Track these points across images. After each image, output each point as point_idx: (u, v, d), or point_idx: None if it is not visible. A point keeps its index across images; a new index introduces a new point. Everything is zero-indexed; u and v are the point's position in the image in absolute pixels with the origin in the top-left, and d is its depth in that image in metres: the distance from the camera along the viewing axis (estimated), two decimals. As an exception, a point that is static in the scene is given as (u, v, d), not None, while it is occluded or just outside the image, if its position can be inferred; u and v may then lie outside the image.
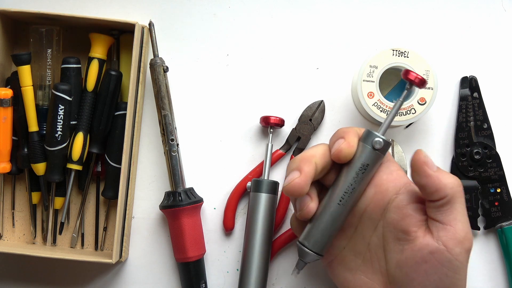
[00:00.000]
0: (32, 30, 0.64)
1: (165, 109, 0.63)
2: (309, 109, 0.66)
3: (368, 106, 0.60)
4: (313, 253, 0.52)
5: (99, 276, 0.66)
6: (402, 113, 0.60)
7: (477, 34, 0.66)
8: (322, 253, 0.52)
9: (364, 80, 0.60)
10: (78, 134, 0.63)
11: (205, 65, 0.67)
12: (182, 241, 0.62)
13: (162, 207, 0.63)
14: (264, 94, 0.67)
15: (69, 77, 0.63)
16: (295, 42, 0.67)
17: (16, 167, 0.65)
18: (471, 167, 0.64)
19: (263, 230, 0.62)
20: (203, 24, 0.67)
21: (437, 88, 0.60)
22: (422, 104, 0.60)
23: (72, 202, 0.66)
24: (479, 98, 0.65)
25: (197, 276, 0.63)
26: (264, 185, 0.62)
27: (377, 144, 0.50)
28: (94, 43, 0.64)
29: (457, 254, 0.48)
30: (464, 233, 0.48)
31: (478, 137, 0.64)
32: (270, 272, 0.65)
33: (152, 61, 0.63)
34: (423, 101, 0.60)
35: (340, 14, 0.67)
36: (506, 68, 0.66)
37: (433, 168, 0.49)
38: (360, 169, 0.50)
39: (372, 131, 0.51)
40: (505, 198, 0.64)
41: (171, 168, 0.63)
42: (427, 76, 0.60)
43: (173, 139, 0.63)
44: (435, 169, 0.49)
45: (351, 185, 0.50)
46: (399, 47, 0.60)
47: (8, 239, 0.66)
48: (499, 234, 0.64)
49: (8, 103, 0.62)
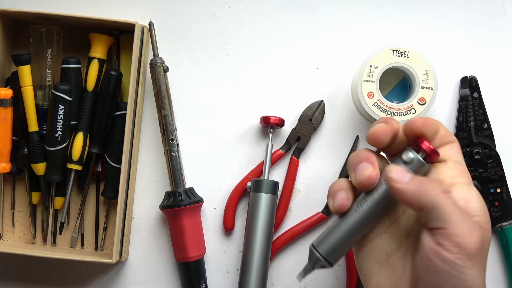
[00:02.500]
0: (32, 30, 0.64)
1: (165, 109, 0.63)
2: (309, 109, 0.66)
3: (368, 106, 0.60)
4: (325, 260, 0.49)
5: (99, 276, 0.66)
6: (402, 113, 0.60)
7: (477, 34, 0.66)
8: (334, 262, 0.50)
9: (364, 80, 0.60)
10: (78, 134, 0.63)
11: (205, 65, 0.67)
12: (183, 241, 0.62)
13: (162, 207, 0.63)
14: (264, 94, 0.67)
15: (69, 77, 0.63)
16: (295, 42, 0.67)
17: (16, 167, 0.65)
18: (471, 167, 0.64)
19: (263, 230, 0.62)
20: (203, 24, 0.67)
21: (437, 88, 0.60)
22: (422, 104, 0.60)
23: (72, 202, 0.66)
24: (479, 98, 0.65)
25: (198, 276, 0.63)
26: (264, 185, 0.62)
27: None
28: (94, 43, 0.64)
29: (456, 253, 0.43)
30: (461, 233, 0.43)
31: (478, 137, 0.64)
32: (270, 272, 0.65)
33: (152, 61, 0.63)
34: (423, 101, 0.60)
35: (340, 14, 0.67)
36: (506, 68, 0.66)
37: (402, 180, 0.45)
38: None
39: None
40: (505, 198, 0.64)
41: (171, 168, 0.63)
42: (426, 76, 0.60)
43: (173, 139, 0.63)
44: (406, 180, 0.46)
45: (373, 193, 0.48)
46: (399, 47, 0.60)
47: (8, 239, 0.66)
48: (499, 234, 0.64)
49: (8, 103, 0.62)
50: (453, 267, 0.43)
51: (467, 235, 0.43)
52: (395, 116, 0.60)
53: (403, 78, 0.65)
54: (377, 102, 0.60)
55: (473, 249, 0.43)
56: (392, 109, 0.60)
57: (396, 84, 0.65)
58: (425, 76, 0.60)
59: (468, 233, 0.43)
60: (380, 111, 0.60)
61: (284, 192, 0.65)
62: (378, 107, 0.60)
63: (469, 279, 0.43)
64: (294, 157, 0.65)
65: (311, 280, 0.65)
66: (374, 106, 0.60)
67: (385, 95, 0.62)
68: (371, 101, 0.60)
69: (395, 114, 0.60)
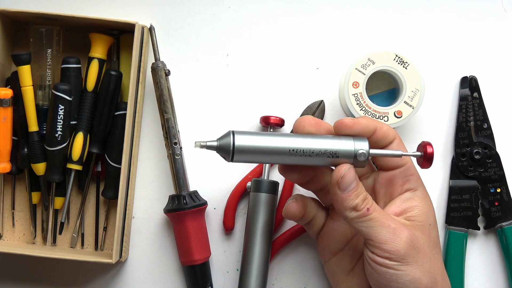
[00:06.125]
0: (32, 30, 0.64)
1: (168, 113, 0.63)
2: (309, 109, 0.66)
3: (349, 94, 0.60)
4: (232, 151, 0.49)
5: (99, 276, 0.66)
6: (375, 115, 0.61)
7: (477, 34, 0.66)
8: (234, 160, 0.50)
9: (356, 69, 0.60)
10: (78, 134, 0.63)
11: (205, 65, 0.67)
12: (188, 245, 0.62)
13: (167, 211, 0.63)
14: (264, 94, 0.67)
15: (69, 77, 0.63)
16: (295, 42, 0.67)
17: (16, 167, 0.65)
18: (471, 167, 0.64)
19: (263, 230, 0.62)
20: (203, 24, 0.67)
21: (417, 109, 0.60)
22: (398, 117, 0.61)
23: (72, 202, 0.66)
24: (479, 98, 0.65)
25: (203, 279, 0.63)
26: (264, 185, 0.62)
27: None
28: (94, 43, 0.64)
29: (386, 257, 0.49)
30: (384, 240, 0.49)
31: (478, 137, 0.64)
32: (270, 272, 0.65)
33: (154, 65, 0.63)
34: (399, 114, 0.61)
35: (341, 14, 0.67)
36: (506, 68, 0.66)
37: (344, 186, 0.50)
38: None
39: None
40: (505, 198, 0.64)
41: (175, 172, 0.63)
42: (414, 94, 0.60)
43: (176, 142, 0.63)
44: (350, 187, 0.50)
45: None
46: (403, 56, 0.60)
47: (8, 239, 0.66)
48: (499, 234, 0.64)
49: (8, 103, 0.62)
50: (388, 267, 0.49)
51: (391, 241, 0.49)
52: (367, 115, 0.60)
53: (393, 89, 0.65)
54: (358, 94, 0.60)
55: (400, 250, 0.49)
56: (368, 107, 0.60)
57: (384, 91, 0.65)
58: (412, 93, 0.60)
59: (392, 239, 0.49)
60: (357, 104, 0.60)
61: (284, 192, 0.65)
62: (356, 99, 0.60)
63: (407, 273, 0.49)
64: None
65: (311, 280, 0.65)
66: (353, 96, 0.60)
67: (369, 95, 0.62)
68: (353, 91, 0.60)
69: (368, 113, 0.60)
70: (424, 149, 0.52)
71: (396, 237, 0.49)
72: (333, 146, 0.50)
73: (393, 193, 0.54)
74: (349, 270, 0.56)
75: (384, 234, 0.49)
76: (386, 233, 0.49)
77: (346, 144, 0.50)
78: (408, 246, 0.49)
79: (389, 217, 0.50)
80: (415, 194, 0.54)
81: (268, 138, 0.50)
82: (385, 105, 0.62)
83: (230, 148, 0.49)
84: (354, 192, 0.50)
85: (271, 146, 0.50)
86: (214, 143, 0.50)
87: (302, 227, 0.64)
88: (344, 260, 0.57)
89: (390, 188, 0.54)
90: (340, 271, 0.57)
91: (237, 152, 0.49)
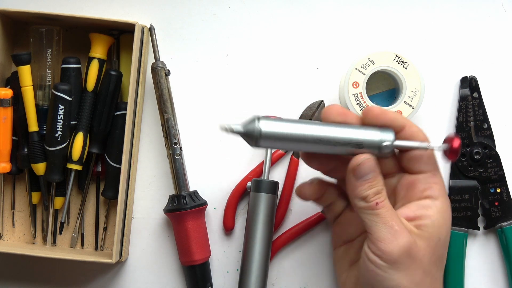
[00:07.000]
0: (32, 30, 0.64)
1: (168, 113, 0.63)
2: (309, 109, 0.66)
3: (349, 94, 0.60)
4: (259, 137, 0.49)
5: (99, 276, 0.66)
6: None
7: (477, 34, 0.66)
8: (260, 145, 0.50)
9: (356, 69, 0.60)
10: (78, 134, 0.63)
11: (205, 65, 0.67)
12: (188, 245, 0.62)
13: (167, 211, 0.63)
14: (264, 94, 0.67)
15: (69, 77, 0.63)
16: (295, 42, 0.67)
17: (16, 167, 0.65)
18: (471, 167, 0.64)
19: (263, 230, 0.62)
20: (203, 24, 0.67)
21: (417, 109, 0.60)
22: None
23: (72, 202, 0.66)
24: (479, 98, 0.65)
25: (203, 279, 0.63)
26: (264, 185, 0.62)
27: None
28: (94, 43, 0.64)
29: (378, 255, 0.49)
30: (382, 239, 0.48)
31: (478, 137, 0.64)
32: (270, 272, 0.65)
33: (154, 65, 0.63)
34: (399, 114, 0.60)
35: (341, 14, 0.67)
36: (506, 68, 0.66)
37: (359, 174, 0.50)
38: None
39: None
40: (505, 198, 0.64)
41: (175, 172, 0.63)
42: (414, 94, 0.60)
43: (176, 142, 0.63)
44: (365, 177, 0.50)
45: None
46: (403, 56, 0.60)
47: (8, 239, 0.66)
48: (499, 234, 0.64)
49: (8, 103, 0.62)
50: (377, 267, 0.49)
51: (388, 241, 0.48)
52: None
53: (393, 89, 0.65)
54: (358, 94, 0.60)
55: (393, 253, 0.48)
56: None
57: (384, 91, 0.65)
58: (412, 93, 0.60)
59: (389, 239, 0.48)
60: (357, 104, 0.60)
61: (284, 192, 0.65)
62: (356, 99, 0.60)
63: (393, 279, 0.48)
64: (294, 157, 0.65)
65: (311, 280, 0.65)
66: (354, 96, 0.60)
67: (369, 95, 0.62)
68: (353, 91, 0.60)
69: None
70: (450, 142, 0.50)
71: (394, 239, 0.48)
72: (358, 135, 0.50)
73: (412, 197, 0.52)
74: (353, 261, 0.56)
75: (383, 232, 0.48)
76: (386, 232, 0.48)
77: (372, 134, 0.50)
78: (403, 253, 0.48)
79: (396, 218, 0.49)
80: (433, 204, 0.51)
81: (294, 125, 0.50)
82: (385, 105, 0.62)
83: (256, 133, 0.49)
84: (368, 183, 0.49)
85: (297, 133, 0.50)
86: (240, 128, 0.49)
87: (302, 227, 0.64)
88: (351, 251, 0.56)
89: (410, 191, 0.52)
90: (345, 261, 0.57)
91: (263, 138, 0.49)
